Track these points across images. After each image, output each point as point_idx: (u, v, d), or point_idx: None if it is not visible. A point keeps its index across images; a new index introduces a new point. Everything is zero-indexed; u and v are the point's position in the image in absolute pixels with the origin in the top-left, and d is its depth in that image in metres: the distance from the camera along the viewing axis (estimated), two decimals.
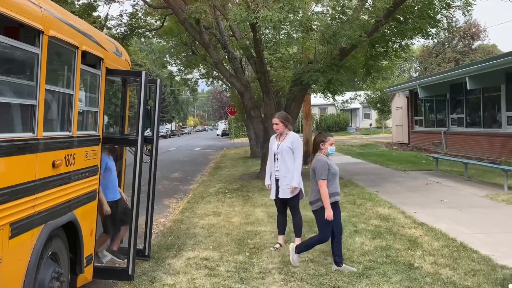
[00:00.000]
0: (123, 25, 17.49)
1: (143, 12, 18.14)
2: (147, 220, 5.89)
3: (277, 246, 6.58)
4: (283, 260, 6.02)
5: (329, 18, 11.80)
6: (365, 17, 12.19)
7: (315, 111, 49.55)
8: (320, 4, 12.85)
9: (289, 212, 6.71)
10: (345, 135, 45.31)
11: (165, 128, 63.60)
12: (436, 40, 42.32)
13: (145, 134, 5.56)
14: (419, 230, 7.27)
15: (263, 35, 11.37)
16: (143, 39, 26.24)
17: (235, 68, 15.11)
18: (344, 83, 13.48)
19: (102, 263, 5.59)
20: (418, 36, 13.04)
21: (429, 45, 55.29)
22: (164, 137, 57.48)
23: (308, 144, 18.46)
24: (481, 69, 16.87)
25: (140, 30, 18.44)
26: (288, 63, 14.69)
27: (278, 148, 6.56)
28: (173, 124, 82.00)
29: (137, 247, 5.46)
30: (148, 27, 18.90)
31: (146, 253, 5.97)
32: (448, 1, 12.07)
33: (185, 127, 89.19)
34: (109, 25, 17.93)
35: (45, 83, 3.78)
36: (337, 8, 11.62)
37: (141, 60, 48.43)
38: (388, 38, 13.16)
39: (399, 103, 28.86)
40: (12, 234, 3.37)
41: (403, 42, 13.66)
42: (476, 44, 56.40)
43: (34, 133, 3.71)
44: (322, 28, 11.42)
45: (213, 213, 9.17)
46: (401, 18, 12.53)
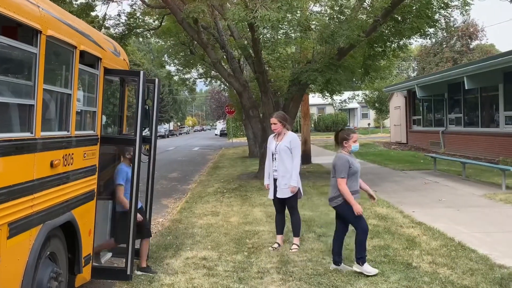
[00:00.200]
0: (121, 24, 17.52)
1: (141, 11, 18.16)
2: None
3: (276, 245, 6.58)
4: (282, 259, 6.02)
5: (327, 18, 11.80)
6: (363, 16, 12.20)
7: (313, 110, 49.59)
8: (318, 3, 12.84)
9: (287, 211, 6.72)
10: None
11: (163, 128, 63.65)
12: (434, 40, 42.37)
13: (143, 134, 5.56)
14: (417, 230, 7.29)
15: (261, 35, 11.37)
16: (141, 39, 26.27)
17: (233, 68, 15.12)
18: (342, 83, 13.48)
19: (155, 272, 5.61)
20: (416, 35, 13.06)
21: (427, 45, 55.41)
22: (163, 137, 57.47)
23: (306, 144, 18.49)
24: (479, 68, 16.89)
25: (138, 30, 18.47)
26: (286, 63, 14.69)
27: (276, 148, 6.56)
28: (171, 124, 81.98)
29: (136, 247, 5.46)
30: (146, 26, 18.92)
31: None
32: (446, 1, 12.09)
33: (184, 127, 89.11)
34: (107, 25, 17.98)
35: (43, 83, 3.78)
36: (335, 8, 11.62)
37: (139, 60, 48.39)
38: (386, 38, 13.18)
39: (397, 102, 28.89)
40: (10, 234, 3.37)
41: (401, 42, 13.68)
42: (474, 43, 56.50)
43: (32, 133, 3.70)
44: (320, 27, 11.42)
45: (211, 213, 9.16)
46: (399, 18, 12.55)
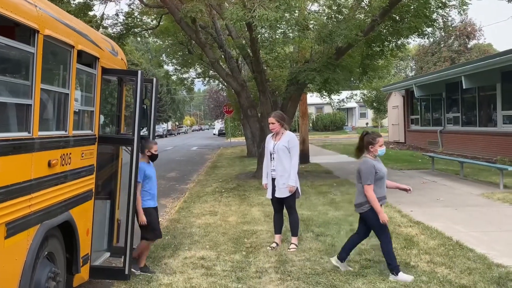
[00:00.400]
0: (119, 24, 17.48)
1: (139, 11, 18.12)
2: None
3: (274, 245, 6.58)
4: (280, 259, 6.02)
5: (325, 17, 11.80)
6: (361, 16, 12.21)
7: (312, 110, 49.63)
8: (316, 3, 12.86)
9: (285, 211, 6.72)
10: (342, 134, 45.41)
11: (161, 128, 63.64)
12: (432, 39, 42.36)
13: (141, 133, 5.55)
14: (415, 229, 7.30)
15: (260, 34, 11.37)
16: (139, 39, 26.22)
17: (231, 68, 15.11)
18: (340, 82, 13.49)
19: (153, 272, 5.61)
20: (414, 35, 13.07)
21: (425, 44, 55.52)
22: (161, 136, 57.42)
23: (304, 144, 18.50)
24: (476, 68, 16.91)
25: (136, 30, 18.43)
26: (284, 62, 14.69)
27: (274, 148, 6.56)
28: (170, 123, 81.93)
29: (134, 246, 5.45)
30: (144, 26, 18.89)
31: None
32: (443, 0, 12.09)
33: (182, 127, 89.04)
34: (105, 25, 17.93)
35: (41, 83, 3.77)
36: (333, 7, 11.61)
37: (137, 60, 48.33)
38: (384, 37, 13.19)
39: (395, 102, 28.92)
40: (7, 234, 3.36)
41: (399, 41, 13.69)
42: (472, 43, 56.58)
43: (29, 132, 3.69)
44: (318, 27, 11.42)
45: (209, 213, 9.16)
46: (397, 17, 12.56)
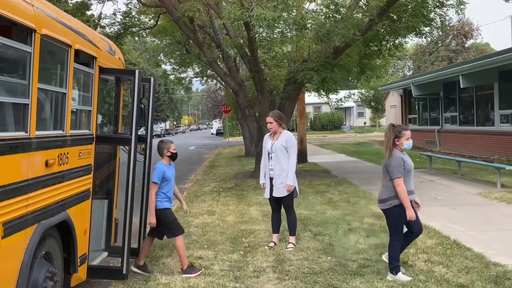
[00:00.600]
0: (117, 23, 17.45)
1: (137, 10, 18.09)
2: (141, 220, 5.85)
3: (272, 244, 6.58)
4: (278, 258, 6.02)
5: (323, 17, 11.79)
6: (359, 15, 12.20)
7: (309, 109, 49.68)
8: (314, 2, 12.85)
9: (283, 210, 6.72)
10: (340, 134, 45.44)
11: (159, 127, 63.50)
12: (429, 39, 42.42)
13: (139, 133, 5.54)
14: None
15: (257, 34, 11.35)
16: (137, 38, 26.16)
17: (229, 67, 15.09)
18: (338, 82, 13.48)
19: (151, 272, 5.60)
20: (411, 34, 13.07)
21: (423, 44, 55.65)
22: (159, 136, 57.25)
23: (302, 143, 18.49)
24: (474, 67, 16.95)
25: (133, 29, 18.40)
26: (282, 62, 14.68)
27: (272, 147, 6.56)
28: (168, 123, 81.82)
29: (131, 246, 5.44)
30: (142, 25, 18.85)
31: None
32: (441, 0, 12.11)
33: (180, 126, 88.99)
34: (102, 24, 17.89)
35: (38, 82, 3.76)
36: (331, 7, 11.61)
37: (135, 59, 48.31)
38: (381, 37, 13.19)
39: (393, 101, 28.98)
40: (4, 234, 3.35)
41: (397, 41, 13.70)
42: (469, 42, 56.75)
43: (26, 132, 3.69)
44: (316, 26, 11.41)
45: (207, 212, 9.15)
46: (395, 17, 12.56)
